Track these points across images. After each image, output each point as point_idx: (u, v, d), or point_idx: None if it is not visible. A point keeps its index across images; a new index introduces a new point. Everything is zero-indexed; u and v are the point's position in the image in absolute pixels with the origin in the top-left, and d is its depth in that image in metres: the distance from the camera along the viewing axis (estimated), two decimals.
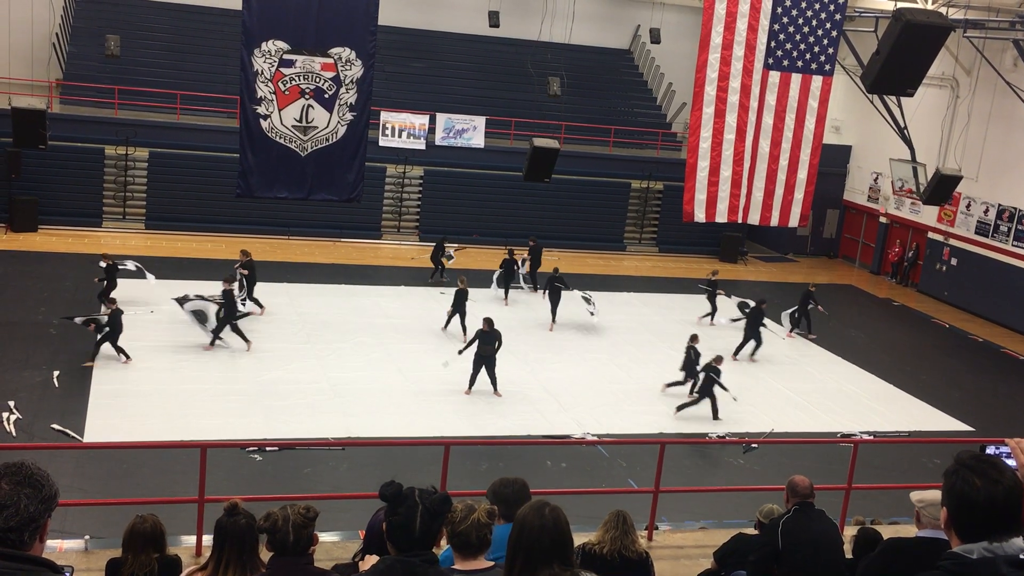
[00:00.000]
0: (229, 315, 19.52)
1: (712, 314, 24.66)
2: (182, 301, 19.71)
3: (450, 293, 22.45)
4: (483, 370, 18.56)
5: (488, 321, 18.64)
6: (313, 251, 28.41)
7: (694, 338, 19.71)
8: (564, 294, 23.53)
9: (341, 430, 16.36)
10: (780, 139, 16.39)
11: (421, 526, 3.65)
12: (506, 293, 25.15)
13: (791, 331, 24.16)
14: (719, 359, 18.57)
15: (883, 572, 4.78)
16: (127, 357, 18.42)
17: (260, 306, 21.88)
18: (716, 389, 18.22)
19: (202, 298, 19.79)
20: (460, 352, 18.93)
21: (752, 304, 22.41)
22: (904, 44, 14.22)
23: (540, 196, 30.26)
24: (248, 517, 4.97)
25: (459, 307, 21.56)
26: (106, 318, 18.22)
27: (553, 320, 23.37)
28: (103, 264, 20.68)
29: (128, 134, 27.92)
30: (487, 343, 18.49)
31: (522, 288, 26.13)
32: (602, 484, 15.00)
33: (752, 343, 21.98)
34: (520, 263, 25.94)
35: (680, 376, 19.35)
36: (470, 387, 18.63)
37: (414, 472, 13.33)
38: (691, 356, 19.24)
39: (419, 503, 3.69)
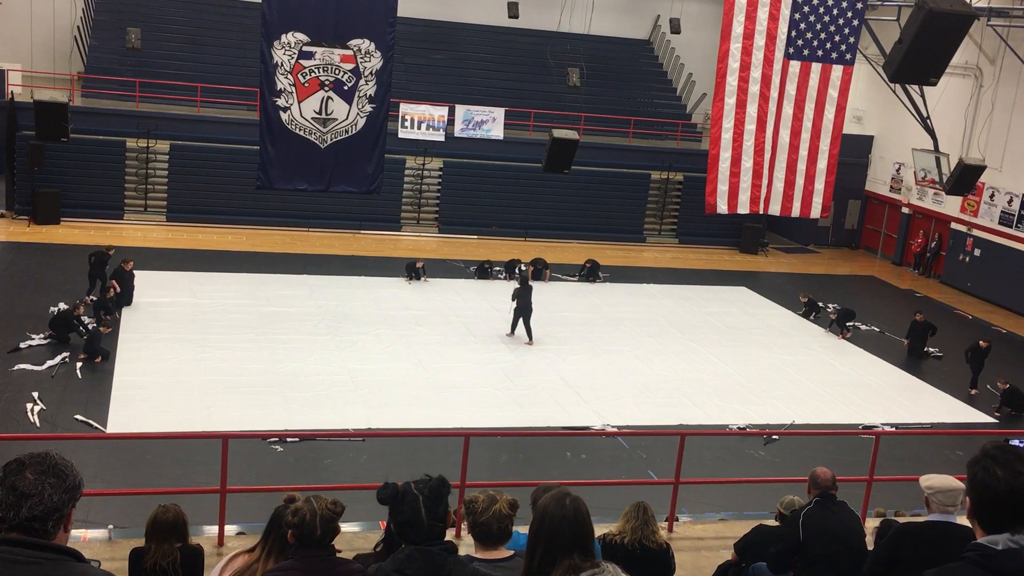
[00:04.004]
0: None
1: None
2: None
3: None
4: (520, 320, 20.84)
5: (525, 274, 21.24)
6: (333, 243, 28.48)
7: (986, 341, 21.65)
8: None
9: (361, 421, 16.39)
10: (800, 129, 16.28)
11: (428, 515, 3.67)
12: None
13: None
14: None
15: (895, 557, 4.78)
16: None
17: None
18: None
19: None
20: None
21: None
22: (927, 33, 14.09)
23: (559, 187, 30.20)
24: None
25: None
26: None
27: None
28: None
29: (149, 127, 28.06)
30: (522, 294, 20.73)
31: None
32: (622, 475, 14.97)
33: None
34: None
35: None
36: (511, 331, 21.12)
37: (433, 464, 13.35)
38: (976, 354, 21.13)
39: (418, 495, 3.70)
